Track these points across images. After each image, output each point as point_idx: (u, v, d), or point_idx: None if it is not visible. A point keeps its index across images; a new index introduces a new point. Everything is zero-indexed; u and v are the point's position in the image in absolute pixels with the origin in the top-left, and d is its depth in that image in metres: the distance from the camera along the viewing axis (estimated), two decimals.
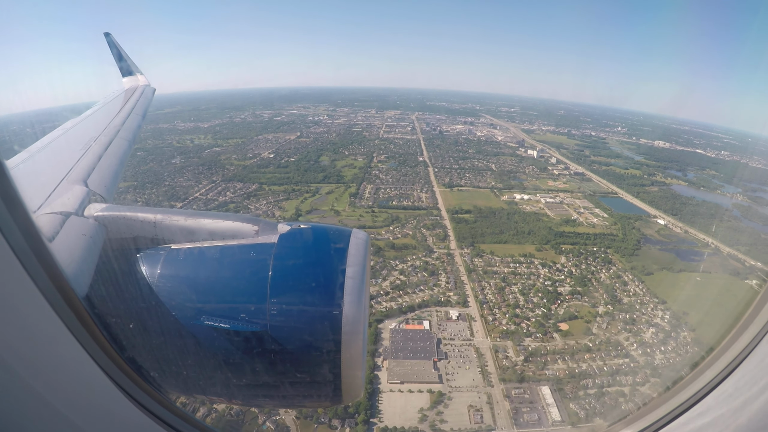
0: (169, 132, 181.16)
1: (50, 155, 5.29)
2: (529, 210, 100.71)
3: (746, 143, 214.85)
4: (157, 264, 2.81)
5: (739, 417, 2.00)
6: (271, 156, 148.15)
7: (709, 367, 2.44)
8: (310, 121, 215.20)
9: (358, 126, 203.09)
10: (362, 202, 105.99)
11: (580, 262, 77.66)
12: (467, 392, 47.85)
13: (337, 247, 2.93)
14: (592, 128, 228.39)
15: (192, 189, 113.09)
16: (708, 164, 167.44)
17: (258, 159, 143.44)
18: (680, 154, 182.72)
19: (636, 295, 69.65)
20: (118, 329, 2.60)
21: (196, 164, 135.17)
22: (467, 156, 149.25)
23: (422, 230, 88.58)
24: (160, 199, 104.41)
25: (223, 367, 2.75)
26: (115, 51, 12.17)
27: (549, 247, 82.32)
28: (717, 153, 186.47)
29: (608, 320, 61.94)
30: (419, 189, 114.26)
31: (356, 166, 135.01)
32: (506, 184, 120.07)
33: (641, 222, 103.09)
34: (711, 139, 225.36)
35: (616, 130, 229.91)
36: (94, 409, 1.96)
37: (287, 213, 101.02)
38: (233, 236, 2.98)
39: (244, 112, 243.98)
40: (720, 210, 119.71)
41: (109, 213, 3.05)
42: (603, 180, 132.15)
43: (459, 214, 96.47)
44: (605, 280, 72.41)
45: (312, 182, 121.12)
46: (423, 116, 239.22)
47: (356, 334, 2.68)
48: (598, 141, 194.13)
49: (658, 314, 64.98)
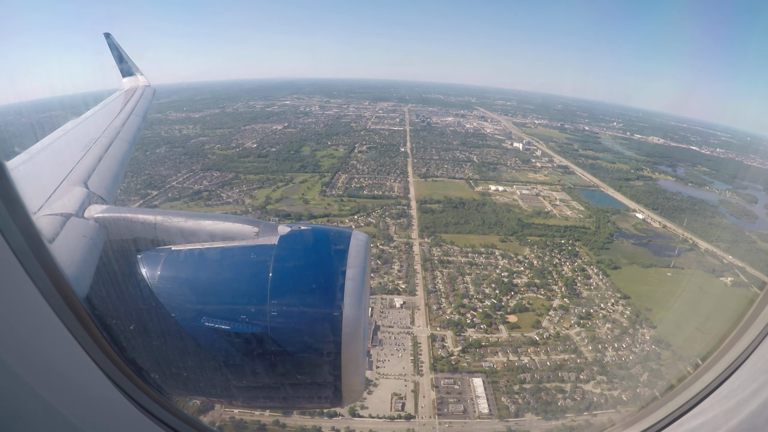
0: (159, 122, 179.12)
1: (50, 156, 5.28)
2: (501, 201, 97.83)
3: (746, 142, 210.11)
4: (158, 265, 2.79)
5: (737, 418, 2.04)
6: (254, 146, 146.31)
7: (709, 369, 2.42)
8: (301, 112, 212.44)
9: (347, 117, 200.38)
10: (334, 192, 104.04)
11: (545, 254, 74.87)
12: (395, 380, 45.71)
13: (337, 249, 2.89)
14: (587, 123, 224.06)
15: (170, 178, 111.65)
16: (701, 161, 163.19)
17: (240, 149, 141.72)
18: (674, 150, 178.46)
19: (598, 289, 66.89)
20: (119, 331, 2.57)
21: (179, 154, 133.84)
22: (451, 147, 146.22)
23: (386, 219, 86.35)
24: (138, 187, 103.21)
25: (224, 369, 2.73)
26: (116, 52, 12.03)
27: (514, 239, 79.60)
28: (712, 150, 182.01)
29: (562, 314, 59.24)
30: (393, 179, 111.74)
31: (336, 156, 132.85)
32: (484, 176, 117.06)
33: (618, 216, 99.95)
34: (709, 137, 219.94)
35: (612, 125, 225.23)
36: (93, 410, 1.96)
37: (257, 201, 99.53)
38: (233, 238, 2.94)
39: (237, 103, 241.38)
40: (705, 206, 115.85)
41: (110, 214, 3.04)
42: (587, 173, 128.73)
43: (428, 204, 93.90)
44: (567, 273, 69.62)
45: (288, 171, 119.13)
46: (416, 108, 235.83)
47: (356, 336, 2.65)
48: (591, 135, 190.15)
49: (618, 309, 62.20)
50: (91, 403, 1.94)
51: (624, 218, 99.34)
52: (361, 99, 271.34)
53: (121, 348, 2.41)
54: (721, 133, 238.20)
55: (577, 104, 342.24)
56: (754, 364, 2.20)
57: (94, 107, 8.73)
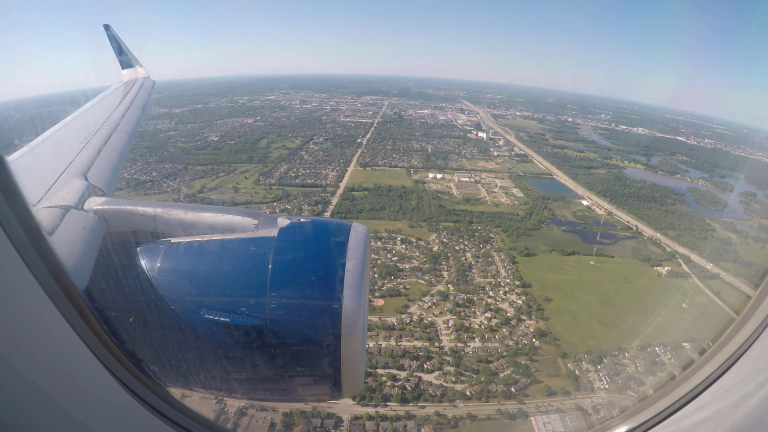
0: None
1: (50, 149, 5.22)
2: (433, 188, 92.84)
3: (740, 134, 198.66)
4: (157, 258, 2.78)
5: (736, 413, 2.05)
6: (215, 139, 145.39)
7: (707, 362, 2.43)
8: (279, 107, 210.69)
9: (322, 111, 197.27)
10: (269, 181, 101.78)
11: (452, 240, 70.20)
12: None
13: (336, 241, 2.88)
14: (574, 115, 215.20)
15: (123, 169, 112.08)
16: (682, 151, 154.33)
17: (202, 142, 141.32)
18: (657, 140, 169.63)
19: (496, 276, 61.80)
20: (118, 323, 2.57)
21: (142, 147, 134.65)
22: (411, 138, 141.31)
23: (303, 206, 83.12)
24: None
25: (223, 361, 2.74)
26: (115, 44, 11.86)
27: (426, 225, 75.07)
28: (700, 141, 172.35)
29: (438, 300, 54.65)
30: (332, 168, 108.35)
31: (289, 147, 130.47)
32: (429, 164, 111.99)
33: (561, 203, 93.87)
34: (701, 128, 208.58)
35: (600, 117, 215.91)
36: (93, 402, 1.96)
37: (193, 190, 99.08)
38: (233, 230, 2.92)
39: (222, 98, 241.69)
40: (667, 193, 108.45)
41: (109, 207, 3.01)
42: (545, 162, 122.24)
43: (353, 192, 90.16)
44: (468, 260, 64.91)
45: (235, 162, 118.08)
46: (397, 102, 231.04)
47: (356, 328, 2.65)
48: (570, 126, 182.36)
49: (509, 299, 57.13)
50: (90, 395, 1.93)
51: (566, 205, 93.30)
52: (348, 93, 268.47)
53: (121, 340, 2.38)
54: (716, 125, 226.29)
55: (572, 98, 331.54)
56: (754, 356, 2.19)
57: (93, 99, 8.59)
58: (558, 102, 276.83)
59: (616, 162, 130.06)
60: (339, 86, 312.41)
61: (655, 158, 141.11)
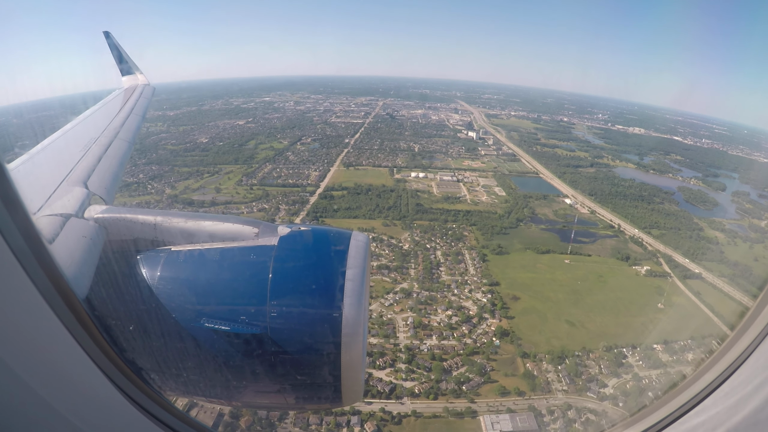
0: None
1: (50, 156, 5.22)
2: (413, 188, 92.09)
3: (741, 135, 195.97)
4: (157, 266, 2.78)
5: (739, 416, 2.07)
6: (204, 141, 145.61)
7: (710, 368, 2.43)
8: (273, 108, 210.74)
9: (315, 112, 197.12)
10: (251, 181, 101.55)
11: (424, 239, 69.37)
12: None
13: (337, 250, 2.86)
14: (570, 115, 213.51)
15: None
16: (677, 150, 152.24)
17: (191, 144, 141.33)
18: (652, 140, 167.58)
19: (464, 274, 60.85)
20: (118, 331, 2.56)
21: (133, 149, 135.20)
22: (399, 138, 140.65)
23: (280, 205, 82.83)
24: None
25: (223, 370, 2.73)
26: (116, 51, 11.91)
27: (400, 223, 74.33)
28: (696, 141, 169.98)
29: (400, 298, 53.84)
30: (316, 168, 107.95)
31: (276, 148, 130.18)
32: (413, 164, 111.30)
33: (544, 201, 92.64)
34: (701, 129, 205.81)
35: (597, 117, 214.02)
36: (93, 410, 1.96)
37: (176, 191, 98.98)
38: (233, 238, 2.92)
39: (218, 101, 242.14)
40: (656, 192, 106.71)
41: (110, 215, 3.02)
42: (533, 161, 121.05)
43: (333, 191, 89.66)
44: (437, 258, 64.04)
45: (221, 163, 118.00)
46: (392, 102, 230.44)
47: (356, 337, 2.63)
48: (564, 126, 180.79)
49: (474, 297, 56.15)
50: (90, 403, 1.93)
51: (549, 203, 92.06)
52: (344, 95, 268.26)
53: (121, 348, 2.38)
54: (717, 126, 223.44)
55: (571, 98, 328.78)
56: (756, 362, 2.18)
57: (94, 106, 8.58)
58: (556, 102, 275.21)
59: (607, 161, 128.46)
60: (338, 88, 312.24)
61: (648, 157, 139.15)
